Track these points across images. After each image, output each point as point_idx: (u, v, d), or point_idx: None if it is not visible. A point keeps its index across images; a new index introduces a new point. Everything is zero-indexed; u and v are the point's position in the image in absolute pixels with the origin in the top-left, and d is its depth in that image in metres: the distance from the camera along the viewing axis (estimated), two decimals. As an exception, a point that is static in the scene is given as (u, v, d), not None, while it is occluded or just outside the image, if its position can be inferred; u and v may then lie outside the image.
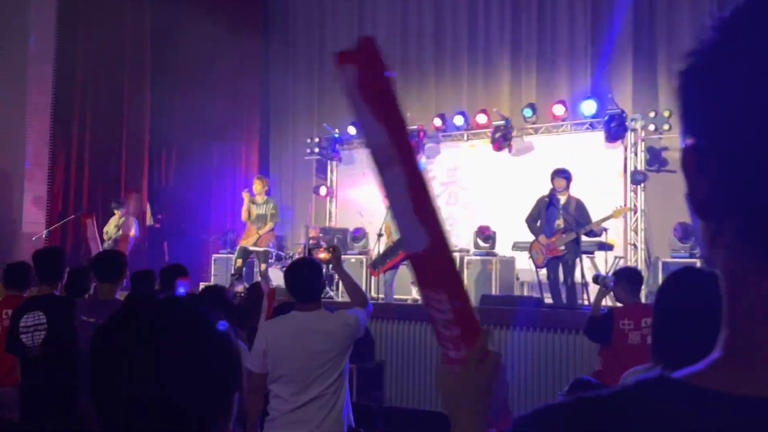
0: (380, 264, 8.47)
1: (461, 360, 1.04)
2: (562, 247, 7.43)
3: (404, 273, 8.81)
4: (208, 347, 1.07)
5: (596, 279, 5.63)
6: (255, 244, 9.43)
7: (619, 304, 5.14)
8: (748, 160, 0.54)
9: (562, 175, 7.60)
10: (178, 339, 1.05)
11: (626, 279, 5.04)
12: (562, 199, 7.60)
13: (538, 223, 7.69)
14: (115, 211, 10.14)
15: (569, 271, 7.45)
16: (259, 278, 9.22)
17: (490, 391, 1.04)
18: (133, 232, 10.00)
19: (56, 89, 10.79)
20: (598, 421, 0.58)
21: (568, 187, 7.62)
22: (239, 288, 8.40)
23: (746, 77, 0.54)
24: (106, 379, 1.04)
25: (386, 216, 8.59)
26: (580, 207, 7.56)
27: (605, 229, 8.06)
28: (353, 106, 0.92)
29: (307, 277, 3.60)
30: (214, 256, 10.96)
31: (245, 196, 9.71)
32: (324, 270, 3.94)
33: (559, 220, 7.53)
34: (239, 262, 9.53)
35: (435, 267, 1.00)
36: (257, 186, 9.65)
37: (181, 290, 4.31)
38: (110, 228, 9.98)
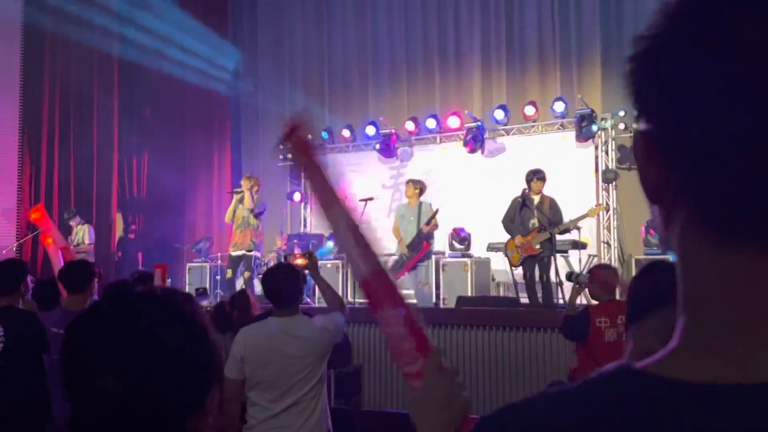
0: (398, 269, 8.51)
1: (419, 373, 1.11)
2: (538, 246, 7.49)
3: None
4: (182, 339, 1.03)
5: (570, 276, 5.65)
6: (237, 248, 9.08)
7: (594, 302, 5.16)
8: (698, 145, 0.54)
9: (538, 176, 7.69)
10: (151, 330, 1.02)
11: (602, 276, 5.06)
12: (536, 199, 7.67)
13: (514, 224, 7.74)
14: (71, 222, 10.03)
15: (545, 269, 7.52)
16: (238, 286, 9.05)
17: (448, 405, 1.08)
18: (88, 239, 9.90)
19: (24, 101, 10.63)
20: (564, 415, 0.58)
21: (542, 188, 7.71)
22: (204, 303, 8.26)
23: (697, 62, 0.54)
24: (78, 375, 1.01)
25: (396, 215, 8.74)
26: (553, 206, 7.64)
27: (579, 228, 8.12)
28: (300, 167, 1.16)
29: (283, 283, 3.57)
30: (189, 265, 10.85)
31: (235, 197, 9.22)
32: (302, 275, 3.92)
33: (534, 220, 7.59)
34: (229, 272, 9.12)
35: (381, 286, 1.15)
36: (245, 186, 9.16)
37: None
38: (79, 239, 9.85)
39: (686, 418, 0.52)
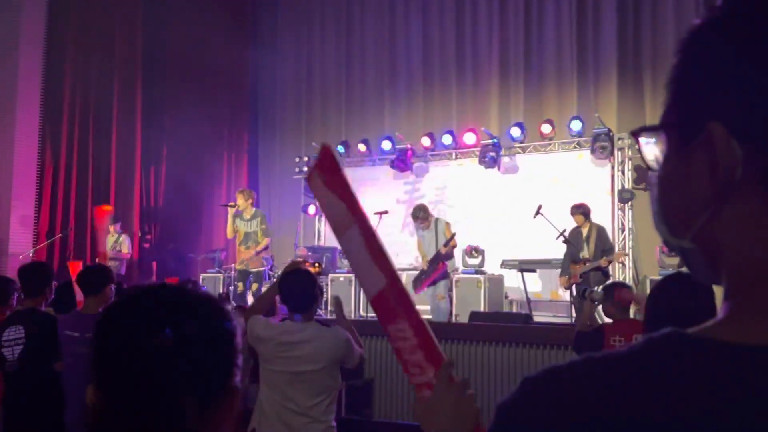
0: (419, 283, 8.56)
1: (429, 384, 1.13)
2: (580, 276, 7.79)
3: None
4: (209, 327, 1.07)
5: (584, 293, 5.61)
6: (248, 266, 8.96)
7: (608, 320, 5.12)
8: None
9: (574, 212, 8.03)
10: (206, 309, 1.07)
11: (612, 294, 5.02)
12: (584, 231, 7.98)
13: (569, 253, 8.09)
14: (110, 228, 10.00)
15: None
16: (249, 298, 9.05)
17: (458, 416, 1.09)
18: (127, 249, 9.91)
19: (44, 108, 10.76)
20: (610, 378, 0.58)
21: (588, 218, 7.99)
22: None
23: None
24: (132, 334, 1.04)
25: (417, 234, 8.80)
26: (600, 236, 7.86)
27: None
28: (318, 195, 1.20)
29: (301, 287, 3.57)
30: (203, 275, 10.89)
31: (229, 210, 9.04)
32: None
33: (584, 252, 7.87)
34: (240, 286, 9.02)
35: (394, 300, 1.14)
36: (240, 201, 8.96)
37: None
38: (118, 246, 9.88)
39: (738, 378, 0.53)
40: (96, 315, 4.16)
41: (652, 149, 0.66)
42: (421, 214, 8.51)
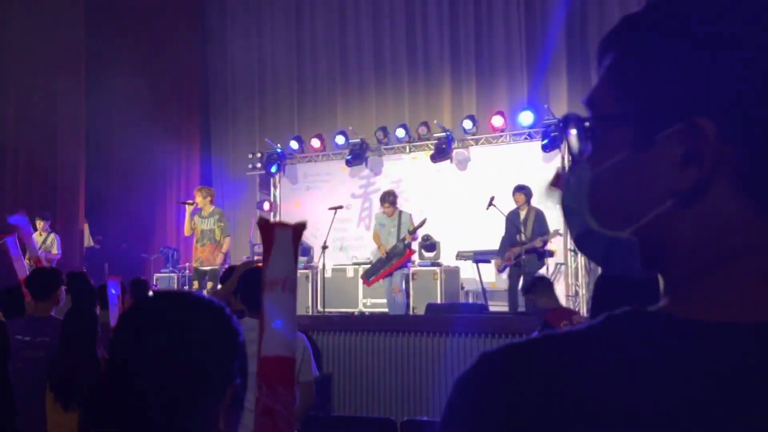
0: (373, 274, 8.56)
1: None
2: (513, 258, 7.86)
3: (351, 285, 8.81)
4: (199, 331, 1.19)
5: (526, 291, 5.78)
6: (202, 264, 8.90)
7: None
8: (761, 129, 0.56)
9: (520, 191, 8.05)
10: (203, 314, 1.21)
11: (542, 288, 5.14)
12: (522, 214, 7.97)
13: (506, 236, 8.16)
14: (38, 223, 9.67)
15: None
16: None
17: None
18: (56, 250, 9.60)
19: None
20: (570, 353, 0.58)
21: (528, 201, 8.03)
22: None
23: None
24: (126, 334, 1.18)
25: (375, 224, 8.87)
26: (538, 218, 7.90)
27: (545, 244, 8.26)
28: (281, 251, 1.23)
29: (259, 286, 3.53)
30: (156, 275, 10.75)
31: (188, 208, 9.04)
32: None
33: (521, 234, 7.94)
34: (195, 284, 8.96)
35: (286, 373, 1.22)
36: (198, 198, 8.97)
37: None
38: (46, 246, 9.61)
39: (697, 351, 0.55)
40: (48, 318, 4.10)
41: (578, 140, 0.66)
42: (390, 198, 8.61)
